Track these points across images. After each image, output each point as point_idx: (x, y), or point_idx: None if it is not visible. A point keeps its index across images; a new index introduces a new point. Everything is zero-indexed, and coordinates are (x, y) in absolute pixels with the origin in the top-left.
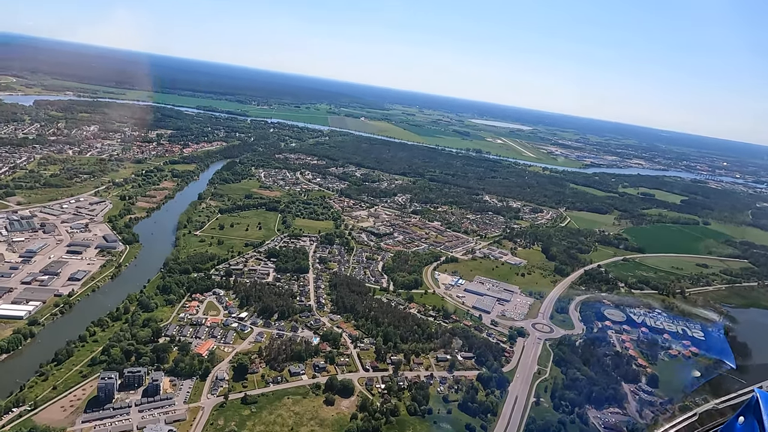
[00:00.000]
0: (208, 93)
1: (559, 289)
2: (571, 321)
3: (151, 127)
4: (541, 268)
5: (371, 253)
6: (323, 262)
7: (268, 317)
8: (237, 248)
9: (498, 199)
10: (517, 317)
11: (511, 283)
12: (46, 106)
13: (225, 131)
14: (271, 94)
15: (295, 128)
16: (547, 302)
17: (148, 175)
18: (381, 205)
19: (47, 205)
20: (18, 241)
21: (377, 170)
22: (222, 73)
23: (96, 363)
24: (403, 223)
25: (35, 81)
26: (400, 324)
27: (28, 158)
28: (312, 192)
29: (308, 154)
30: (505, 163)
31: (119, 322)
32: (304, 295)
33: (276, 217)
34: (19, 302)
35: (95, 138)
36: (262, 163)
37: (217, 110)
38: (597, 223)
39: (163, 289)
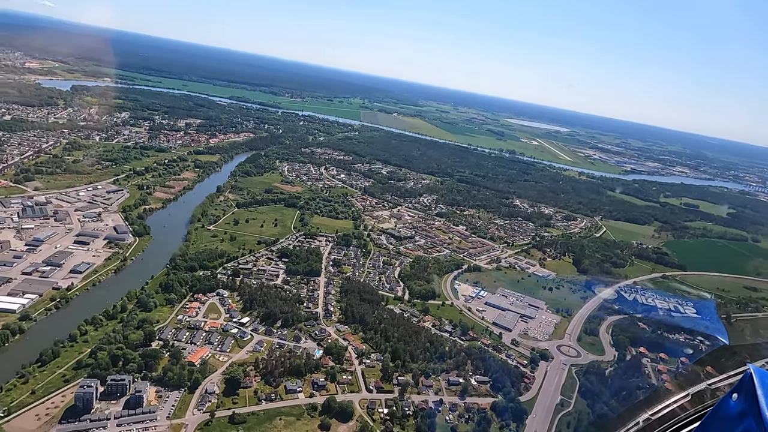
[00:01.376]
0: (242, 83)
1: (589, 307)
2: (602, 344)
3: (182, 115)
4: (571, 283)
5: (389, 258)
6: (337, 266)
7: (271, 324)
8: (249, 246)
9: (529, 204)
10: (541, 337)
11: (536, 297)
12: (83, 92)
13: (254, 122)
14: (305, 86)
15: (326, 122)
16: (575, 321)
17: (170, 164)
18: (405, 206)
19: (64, 192)
20: (27, 228)
21: (404, 168)
22: (258, 63)
23: (82, 366)
24: (426, 226)
25: (77, 67)
26: (412, 339)
27: (55, 143)
28: (334, 189)
29: (335, 149)
30: (539, 165)
31: (114, 322)
32: (313, 301)
33: (294, 213)
34: (16, 294)
35: (124, 125)
36: (287, 157)
37: (250, 101)
38: (635, 235)
39: (165, 287)
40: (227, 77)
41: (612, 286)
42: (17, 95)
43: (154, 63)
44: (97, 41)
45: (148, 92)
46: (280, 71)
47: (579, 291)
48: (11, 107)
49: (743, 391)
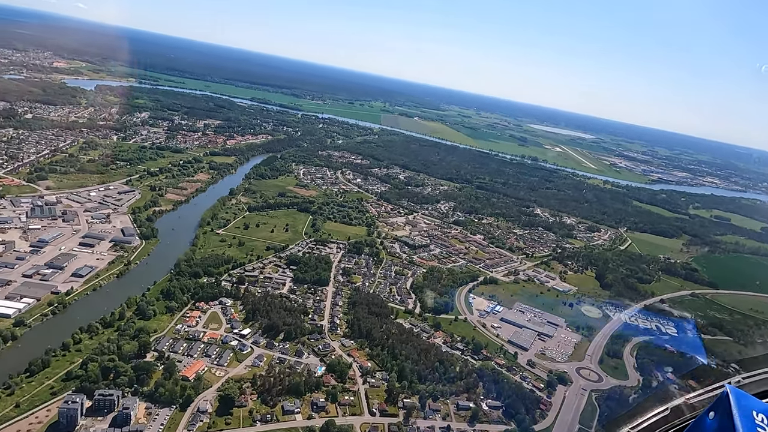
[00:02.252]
0: (264, 85)
1: (612, 326)
2: (625, 368)
3: (201, 116)
4: (593, 299)
5: (401, 267)
6: (346, 275)
7: (273, 336)
8: (257, 251)
9: (550, 213)
10: (560, 358)
11: (556, 314)
12: (106, 91)
13: (273, 124)
14: (327, 89)
15: (345, 125)
16: (597, 341)
17: (184, 165)
18: (421, 212)
19: (75, 192)
20: (33, 228)
21: (423, 173)
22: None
23: (71, 378)
24: (441, 235)
25: (103, 67)
26: (420, 358)
27: (72, 142)
28: (350, 193)
29: (353, 153)
30: (562, 173)
31: (110, 330)
32: (319, 312)
33: (306, 218)
34: (13, 298)
35: (143, 125)
36: (304, 160)
37: (270, 103)
38: (662, 248)
39: (167, 294)
40: (249, 79)
41: (637, 303)
42: (41, 94)
43: (179, 64)
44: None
45: (170, 93)
46: (302, 73)
47: (602, 308)
48: (34, 106)
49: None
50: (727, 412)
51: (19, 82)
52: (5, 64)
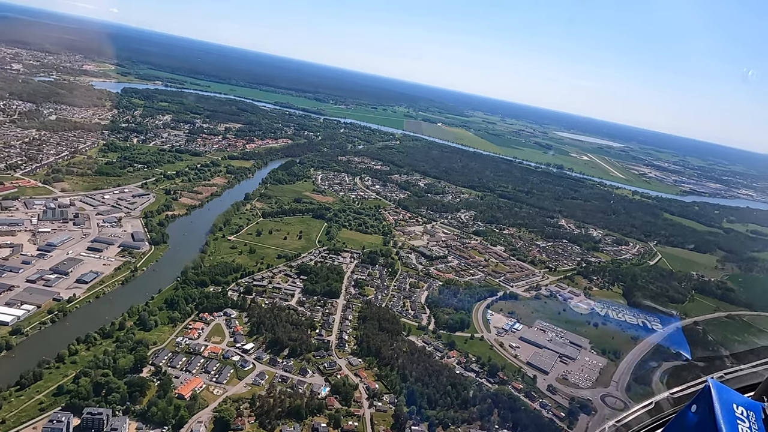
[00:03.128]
0: (288, 89)
1: (641, 349)
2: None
3: (223, 119)
4: (620, 316)
5: (417, 280)
6: (359, 286)
7: (277, 352)
8: (268, 260)
9: (576, 224)
10: (583, 383)
11: (579, 334)
12: (131, 94)
13: (294, 128)
14: (351, 93)
15: (367, 130)
16: (624, 366)
17: (201, 169)
18: (440, 221)
19: (90, 194)
20: (43, 231)
21: (443, 181)
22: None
23: (62, 393)
24: (460, 245)
25: (131, 70)
26: (432, 379)
27: (92, 144)
28: (367, 200)
29: (373, 158)
30: (589, 182)
31: (108, 341)
32: (327, 327)
33: (321, 226)
34: (13, 304)
35: (165, 127)
36: (322, 165)
37: (293, 107)
38: (695, 265)
39: (170, 303)
40: (274, 83)
41: (668, 325)
42: (68, 96)
43: (206, 68)
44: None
45: (194, 96)
46: (326, 78)
47: (629, 329)
48: (60, 107)
49: (701, 404)
50: (709, 405)
51: (48, 84)
52: (37, 66)
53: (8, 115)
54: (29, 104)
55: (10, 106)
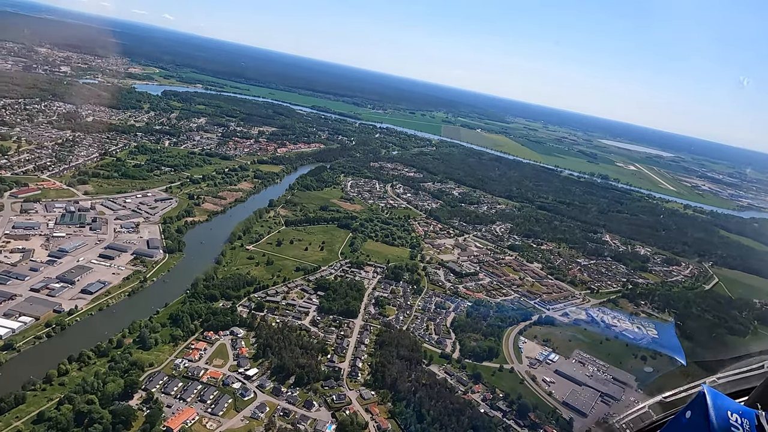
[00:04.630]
0: (326, 93)
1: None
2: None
3: (257, 123)
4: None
5: (443, 299)
6: (379, 305)
7: (283, 380)
8: (285, 272)
9: (621, 240)
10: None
11: (624, 368)
12: (170, 96)
13: (328, 133)
14: (389, 98)
15: (403, 135)
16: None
17: (229, 173)
18: (473, 234)
19: (112, 198)
20: (57, 236)
21: (479, 190)
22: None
23: (43, 420)
24: (494, 261)
25: (174, 73)
26: (452, 419)
27: (124, 146)
28: (397, 209)
29: (406, 165)
30: (636, 194)
31: (103, 360)
32: (340, 351)
33: (346, 236)
34: (12, 315)
35: (198, 130)
36: (353, 171)
37: (330, 111)
38: (757, 291)
39: (175, 319)
40: (312, 87)
41: (727, 365)
42: (109, 98)
43: (247, 72)
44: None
45: (232, 99)
46: (365, 81)
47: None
48: (99, 109)
49: (696, 410)
50: (703, 412)
51: (91, 86)
52: (84, 68)
53: (47, 116)
54: (69, 106)
55: (50, 108)
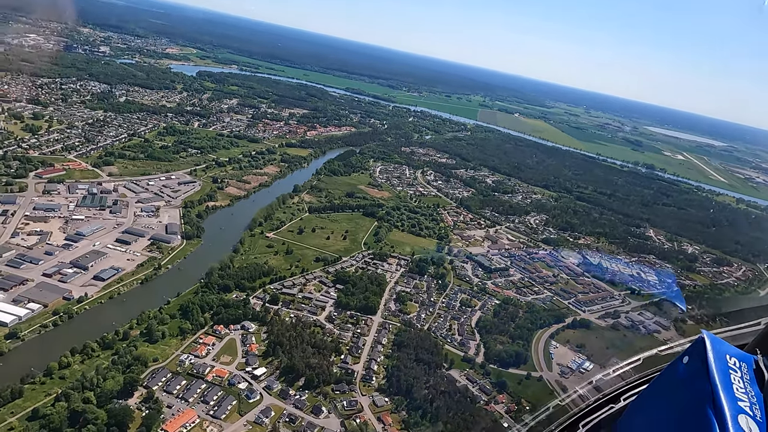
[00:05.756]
0: (361, 75)
1: None
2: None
3: (288, 104)
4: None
5: (470, 296)
6: (400, 301)
7: (292, 381)
8: (305, 263)
9: (666, 236)
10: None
11: None
12: (205, 77)
13: (360, 116)
14: (424, 81)
15: (437, 119)
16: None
17: (255, 157)
18: (505, 226)
19: (135, 180)
20: (76, 219)
21: (514, 178)
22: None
23: (37, 417)
24: (526, 256)
25: (211, 54)
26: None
27: (153, 126)
28: (426, 197)
29: (439, 150)
30: (684, 186)
31: (107, 353)
32: (355, 351)
33: (370, 225)
34: (21, 301)
35: (229, 111)
36: (383, 156)
37: (364, 93)
38: None
39: (185, 311)
40: (347, 68)
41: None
42: (143, 78)
43: (283, 53)
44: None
45: (265, 80)
46: (401, 63)
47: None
48: (132, 89)
49: (694, 354)
50: (702, 356)
51: (127, 66)
52: (123, 49)
53: (81, 96)
54: (104, 86)
55: (85, 87)
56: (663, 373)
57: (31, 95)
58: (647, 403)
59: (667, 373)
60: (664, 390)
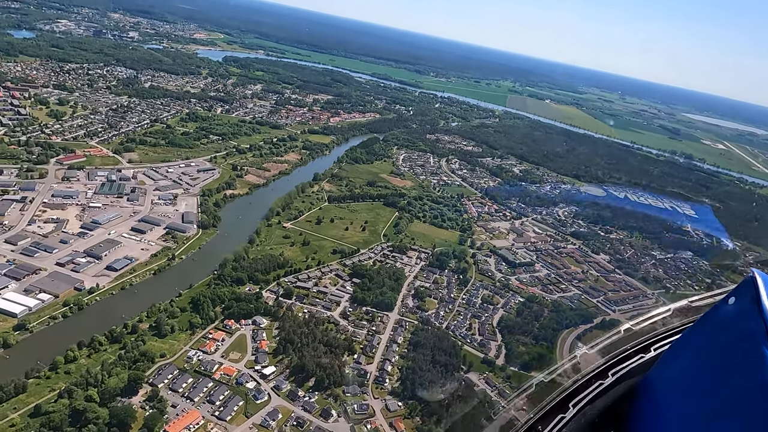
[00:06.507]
0: (388, 60)
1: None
2: None
3: (313, 90)
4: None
5: (492, 292)
6: (419, 297)
7: (301, 382)
8: (321, 255)
9: (704, 232)
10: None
11: None
12: (230, 62)
13: (386, 102)
14: (453, 66)
15: (465, 105)
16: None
17: (276, 144)
18: (532, 217)
19: (155, 167)
20: (93, 206)
21: (543, 167)
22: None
23: (39, 414)
24: (553, 250)
25: (238, 39)
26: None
27: (176, 113)
28: (450, 187)
29: (465, 138)
30: (725, 178)
31: (115, 347)
32: (369, 351)
33: (391, 215)
34: (32, 291)
35: (252, 97)
36: (407, 143)
37: (390, 79)
38: None
39: (196, 304)
40: (375, 53)
41: None
42: (169, 63)
43: (310, 38)
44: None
45: (291, 65)
46: (430, 49)
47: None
48: (157, 74)
49: (743, 294)
50: (753, 294)
51: (154, 52)
52: (151, 34)
53: (107, 82)
54: (130, 71)
55: (111, 73)
56: (705, 316)
57: (58, 81)
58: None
59: (709, 316)
60: (707, 333)
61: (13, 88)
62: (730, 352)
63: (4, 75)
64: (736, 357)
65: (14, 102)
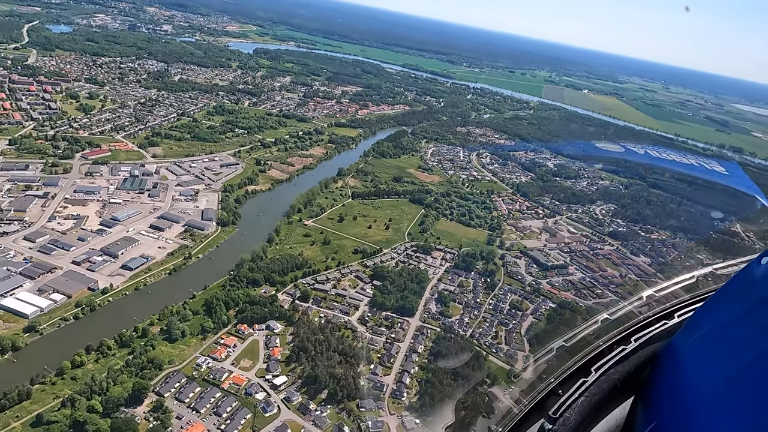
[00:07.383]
0: (420, 50)
1: None
2: None
3: (342, 82)
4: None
5: (521, 298)
6: (442, 302)
7: (314, 394)
8: (342, 255)
9: (758, 234)
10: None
11: None
12: (261, 54)
13: (416, 93)
14: (486, 55)
15: (498, 96)
16: None
17: (302, 137)
18: (566, 216)
19: (179, 162)
20: (114, 203)
21: (579, 162)
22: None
23: (41, 424)
24: (589, 252)
25: (270, 31)
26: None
27: (203, 106)
28: (480, 182)
29: (497, 130)
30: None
31: (124, 351)
32: (387, 360)
33: (417, 212)
34: (45, 291)
35: (281, 89)
36: (437, 136)
37: (421, 69)
38: None
39: (209, 307)
40: (406, 44)
41: None
42: (201, 56)
43: (341, 29)
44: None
45: (321, 57)
46: (462, 38)
47: None
48: (188, 67)
49: None
50: None
51: (186, 45)
52: (184, 27)
53: (137, 75)
54: (161, 64)
55: (143, 66)
56: (735, 278)
57: (90, 75)
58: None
59: (740, 278)
60: (737, 295)
61: (46, 82)
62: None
63: (39, 69)
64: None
65: (46, 96)
